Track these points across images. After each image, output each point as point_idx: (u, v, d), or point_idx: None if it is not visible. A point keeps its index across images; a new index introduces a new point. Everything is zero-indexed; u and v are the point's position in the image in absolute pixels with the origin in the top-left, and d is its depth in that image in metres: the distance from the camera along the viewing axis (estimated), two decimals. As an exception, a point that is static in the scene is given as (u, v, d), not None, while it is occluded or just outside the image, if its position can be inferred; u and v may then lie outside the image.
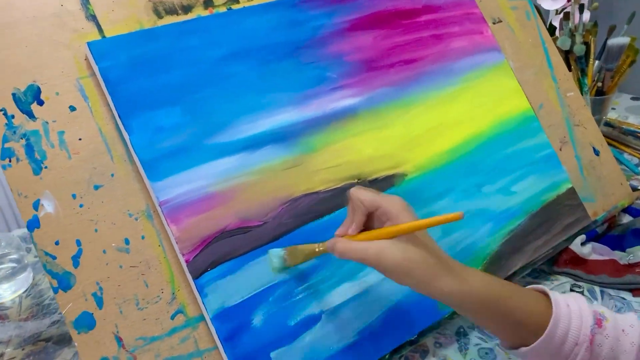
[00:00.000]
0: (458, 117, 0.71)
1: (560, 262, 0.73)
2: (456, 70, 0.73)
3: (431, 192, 0.65)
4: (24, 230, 0.89)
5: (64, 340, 0.68)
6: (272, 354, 0.53)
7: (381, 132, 0.65)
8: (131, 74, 0.55)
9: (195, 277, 0.52)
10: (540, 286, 0.52)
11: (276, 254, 0.55)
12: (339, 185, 0.61)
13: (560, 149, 0.78)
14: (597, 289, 0.70)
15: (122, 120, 0.53)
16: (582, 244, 0.74)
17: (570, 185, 0.75)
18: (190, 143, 0.55)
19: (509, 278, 0.67)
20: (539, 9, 1.01)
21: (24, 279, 0.77)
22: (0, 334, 0.70)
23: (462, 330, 0.66)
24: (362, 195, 0.49)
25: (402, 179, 0.64)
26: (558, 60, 0.84)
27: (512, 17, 0.82)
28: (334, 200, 0.60)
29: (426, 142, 0.67)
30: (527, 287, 0.52)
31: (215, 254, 0.53)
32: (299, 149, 0.60)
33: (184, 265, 0.52)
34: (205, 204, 0.54)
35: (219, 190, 0.55)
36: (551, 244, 0.70)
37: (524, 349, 0.48)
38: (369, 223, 0.50)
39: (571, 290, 0.69)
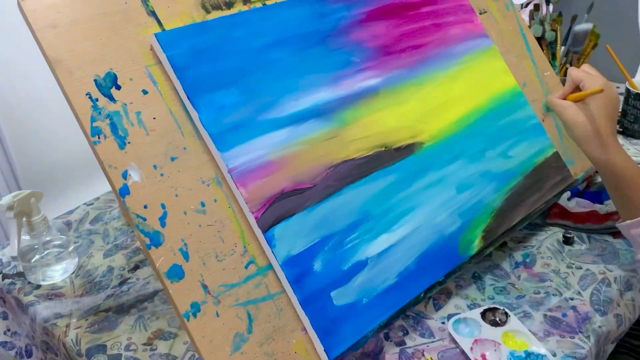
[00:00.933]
0: (460, 94, 0.81)
1: (551, 215, 0.85)
2: (455, 53, 0.84)
3: (445, 157, 0.76)
4: (64, 218, 0.95)
5: (123, 310, 0.75)
6: (332, 293, 0.62)
7: (400, 108, 0.75)
8: (193, 60, 0.63)
9: (264, 231, 0.61)
10: None
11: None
12: (370, 153, 0.70)
13: (543, 120, 0.91)
14: (584, 235, 0.82)
15: (190, 100, 0.61)
16: (568, 199, 0.86)
17: (554, 150, 0.87)
18: (247, 119, 0.64)
19: (512, 228, 0.78)
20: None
21: (70, 262, 0.83)
22: (60, 309, 0.76)
23: (477, 274, 0.76)
24: (573, 74, 0.76)
25: (421, 147, 0.75)
26: (535, 45, 0.96)
27: (494, 8, 0.94)
28: (368, 164, 0.69)
29: (437, 114, 0.78)
30: None
31: (277, 211, 0.62)
32: (335, 123, 0.69)
33: (253, 222, 0.61)
34: (266, 170, 0.63)
35: (274, 158, 0.64)
36: (543, 199, 0.82)
37: (628, 221, 0.67)
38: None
39: (564, 236, 0.81)
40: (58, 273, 0.81)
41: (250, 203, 0.61)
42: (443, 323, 0.69)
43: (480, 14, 0.91)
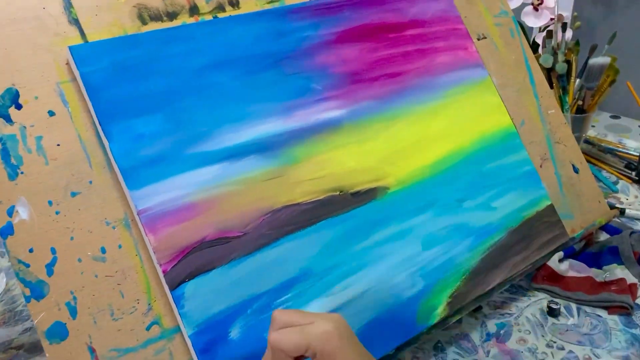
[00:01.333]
0: (440, 132, 0.71)
1: (538, 278, 0.74)
2: (440, 85, 0.73)
3: (413, 206, 0.65)
4: (-2, 234, 0.87)
5: (36, 349, 0.67)
6: (249, 368, 0.52)
7: (364, 145, 0.65)
8: (113, 80, 0.54)
9: (172, 288, 0.51)
10: None
11: None
12: (320, 197, 0.61)
13: (541, 166, 0.79)
14: (573, 305, 0.71)
15: (102, 127, 0.52)
16: (560, 260, 0.74)
17: (549, 202, 0.76)
18: (171, 151, 0.55)
19: (487, 293, 0.67)
20: (522, 25, 1.02)
21: (-4, 284, 0.76)
22: (-31, 341, 0.68)
23: (439, 345, 0.66)
24: (284, 343, 0.41)
25: (385, 192, 0.64)
26: (540, 77, 0.85)
27: (496, 34, 0.83)
28: (315, 211, 0.60)
29: (408, 155, 0.68)
30: None
31: (193, 264, 0.53)
32: (282, 160, 0.60)
33: (161, 275, 0.52)
34: (185, 214, 0.54)
35: (199, 199, 0.55)
36: (530, 260, 0.71)
37: None
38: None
39: (548, 306, 0.69)
40: (-20, 296, 0.74)
41: (159, 253, 0.52)
42: (387, 405, 0.59)
43: (478, 39, 0.81)
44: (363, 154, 0.65)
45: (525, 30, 1.03)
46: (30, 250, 0.49)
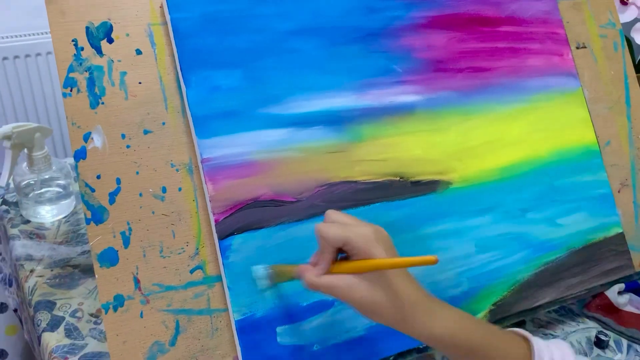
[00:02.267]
0: (517, 136, 0.68)
1: (591, 305, 0.70)
2: (527, 88, 0.70)
3: (473, 207, 0.64)
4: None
5: (90, 271, 0.71)
6: (278, 329, 0.53)
7: (434, 136, 0.64)
8: (201, 29, 0.56)
9: (221, 238, 0.53)
10: (521, 331, 0.50)
11: (260, 274, 0.52)
12: (379, 180, 0.60)
13: (619, 191, 0.75)
14: (624, 342, 0.67)
15: (182, 73, 0.54)
16: (620, 292, 0.70)
17: (620, 230, 0.72)
18: (243, 108, 0.56)
19: (534, 309, 0.65)
20: (630, 41, 0.96)
21: (67, 205, 0.81)
22: (35, 252, 0.73)
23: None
24: (326, 233, 0.46)
25: (446, 187, 0.63)
26: (638, 99, 0.80)
27: (598, 45, 0.78)
28: (372, 192, 0.59)
29: (479, 154, 0.65)
30: (507, 329, 0.50)
31: (244, 220, 0.54)
32: (347, 136, 0.59)
33: (213, 224, 0.53)
34: (245, 170, 0.55)
35: (260, 159, 0.56)
36: (585, 286, 0.67)
37: None
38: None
39: (597, 336, 0.66)
40: (49, 214, 0.79)
41: (214, 202, 0.53)
42: (408, 396, 0.58)
43: (577, 48, 0.76)
44: (431, 144, 0.63)
45: (632, 46, 0.96)
46: (98, 177, 0.52)
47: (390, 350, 0.58)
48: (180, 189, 0.54)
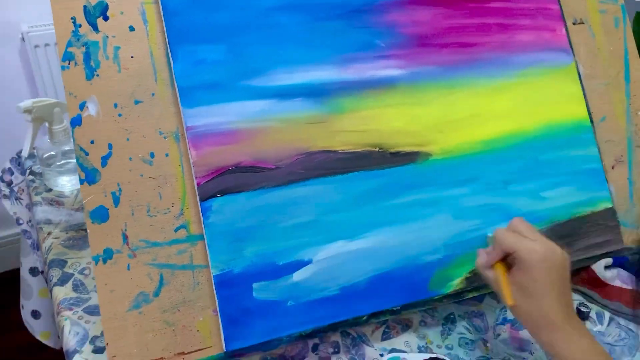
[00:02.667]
0: (503, 110, 0.69)
1: (577, 279, 0.71)
2: (515, 63, 0.71)
3: (452, 178, 0.66)
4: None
5: (101, 234, 0.77)
6: (255, 285, 0.57)
7: (416, 109, 0.66)
8: (188, 7, 0.60)
9: (203, 200, 0.57)
10: None
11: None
12: (358, 150, 0.63)
13: (613, 167, 0.75)
14: (607, 314, 0.68)
15: (170, 47, 0.59)
16: (607, 267, 0.70)
17: (609, 205, 0.72)
18: (227, 80, 0.60)
19: (514, 280, 0.66)
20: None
21: (86, 176, 0.87)
22: (53, 217, 0.80)
23: (452, 316, 0.67)
24: (501, 238, 0.54)
25: (426, 158, 0.65)
26: (639, 75, 0.79)
27: (597, 21, 0.78)
28: (351, 161, 0.62)
29: (462, 127, 0.67)
30: None
31: (225, 184, 0.58)
32: (328, 108, 0.63)
33: (196, 187, 0.58)
34: (227, 138, 0.59)
35: (242, 128, 0.59)
36: (570, 258, 0.68)
37: None
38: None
39: (577, 308, 0.67)
40: (69, 183, 0.86)
41: (197, 167, 0.58)
42: (381, 355, 0.61)
43: (574, 24, 0.76)
44: (412, 117, 0.65)
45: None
46: (92, 142, 0.57)
47: (363, 310, 0.61)
48: (167, 155, 0.59)
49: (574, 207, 0.70)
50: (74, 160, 0.85)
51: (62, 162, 0.85)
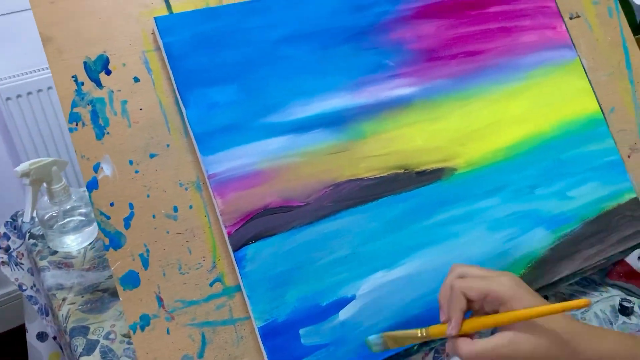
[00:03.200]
0: (519, 115, 0.68)
1: (613, 274, 0.70)
2: (523, 65, 0.70)
3: (480, 189, 0.64)
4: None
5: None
6: (301, 331, 0.55)
7: (434, 124, 0.64)
8: (193, 50, 0.57)
9: (235, 250, 0.55)
10: None
11: (374, 341, 0.54)
12: (384, 174, 0.61)
13: (629, 156, 0.74)
14: (649, 306, 0.67)
15: (179, 94, 0.56)
16: (640, 258, 0.70)
17: (633, 195, 0.71)
18: (243, 121, 0.57)
19: (554, 284, 0.65)
20: (630, 4, 0.95)
21: (90, 233, 0.84)
22: (64, 281, 0.76)
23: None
24: (467, 287, 0.47)
25: (452, 173, 0.64)
26: (639, 62, 0.79)
27: (592, 13, 0.78)
28: (378, 187, 0.60)
29: (482, 137, 0.66)
30: None
31: (256, 229, 0.56)
32: (348, 135, 0.61)
33: (226, 237, 0.55)
34: (251, 181, 0.56)
35: (265, 168, 0.57)
36: (604, 255, 0.67)
37: None
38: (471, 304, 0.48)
39: (620, 304, 0.66)
40: (75, 242, 0.82)
41: (225, 216, 0.55)
42: (437, 383, 0.59)
43: (570, 18, 0.76)
44: (432, 133, 0.64)
45: (633, 10, 0.95)
46: (111, 204, 0.54)
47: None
48: (191, 207, 0.56)
49: (601, 202, 0.69)
50: (78, 218, 0.82)
51: (65, 221, 0.81)
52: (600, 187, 0.70)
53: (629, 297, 0.68)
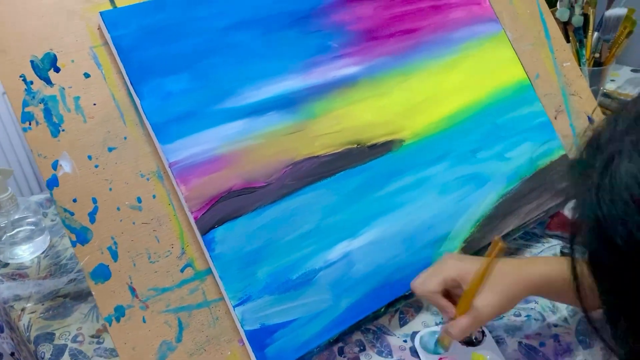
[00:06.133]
0: (456, 86, 0.73)
1: (552, 225, 0.76)
2: (454, 40, 0.75)
3: (427, 157, 0.68)
4: (40, 196, 0.93)
5: (81, 297, 0.73)
6: (275, 306, 0.57)
7: (380, 100, 0.68)
8: (142, 42, 0.58)
9: (203, 234, 0.56)
10: None
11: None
12: (338, 150, 0.64)
13: (556, 118, 0.81)
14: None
15: (133, 87, 0.56)
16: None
17: (563, 152, 0.78)
18: (198, 108, 0.59)
19: (502, 238, 0.70)
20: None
21: (42, 241, 0.82)
22: (20, 291, 0.74)
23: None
24: (427, 291, 0.56)
25: (400, 144, 0.67)
26: (556, 31, 0.86)
27: (511, -11, 0.84)
28: (334, 163, 0.63)
29: (424, 109, 0.70)
30: None
31: (221, 212, 0.57)
32: (301, 115, 0.63)
33: (193, 222, 0.56)
34: (213, 166, 0.58)
35: (225, 152, 0.58)
36: (543, 208, 0.73)
37: None
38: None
39: (561, 251, 0.72)
40: (27, 252, 0.80)
41: (190, 202, 0.56)
42: (405, 341, 0.63)
43: (493, -6, 0.82)
44: (379, 109, 0.67)
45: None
46: (74, 200, 0.54)
47: (381, 302, 0.62)
48: (154, 196, 0.57)
49: (536, 160, 0.75)
50: (27, 227, 0.80)
51: (14, 231, 0.79)
52: (533, 147, 0.76)
53: (567, 245, 0.74)
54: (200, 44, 0.60)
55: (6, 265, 0.79)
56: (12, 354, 0.85)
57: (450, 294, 0.57)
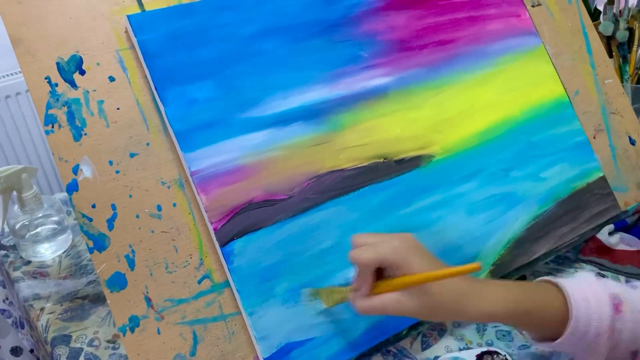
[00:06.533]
0: (490, 101, 0.70)
1: (585, 250, 0.73)
2: (490, 53, 0.72)
3: (458, 175, 0.66)
4: (64, 194, 0.94)
5: (99, 299, 0.72)
6: (293, 322, 0.55)
7: (410, 113, 0.66)
8: (168, 47, 0.57)
9: (222, 245, 0.54)
10: (548, 278, 0.52)
11: (307, 293, 0.56)
12: (364, 164, 0.62)
13: (594, 137, 0.77)
14: (622, 278, 0.70)
15: (157, 92, 0.55)
16: (610, 233, 0.73)
17: (601, 174, 0.74)
18: (222, 116, 0.57)
19: (532, 262, 0.67)
20: (583, -8, 0.98)
21: (64, 240, 0.82)
22: (41, 290, 0.74)
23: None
24: (359, 258, 0.48)
25: (429, 160, 0.65)
26: (598, 46, 0.82)
27: (552, 0, 0.80)
28: (359, 177, 0.61)
29: (456, 124, 0.68)
30: (540, 279, 0.53)
31: (241, 223, 0.55)
32: (327, 127, 0.61)
33: (212, 233, 0.55)
34: (234, 176, 0.56)
35: (247, 163, 0.57)
36: (577, 232, 0.70)
37: (549, 344, 0.50)
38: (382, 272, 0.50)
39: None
40: (49, 251, 0.80)
41: (210, 212, 0.55)
42: (427, 365, 0.60)
43: (532, 6, 0.78)
44: (409, 122, 0.65)
45: (586, -4, 0.99)
46: (93, 206, 0.53)
47: (401, 325, 0.60)
48: (174, 205, 0.55)
49: (572, 182, 0.72)
50: (50, 226, 0.80)
51: (37, 229, 0.79)
52: (570, 168, 0.72)
53: (602, 272, 0.71)
54: (227, 51, 0.59)
55: (28, 263, 0.80)
56: (32, 351, 0.85)
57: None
